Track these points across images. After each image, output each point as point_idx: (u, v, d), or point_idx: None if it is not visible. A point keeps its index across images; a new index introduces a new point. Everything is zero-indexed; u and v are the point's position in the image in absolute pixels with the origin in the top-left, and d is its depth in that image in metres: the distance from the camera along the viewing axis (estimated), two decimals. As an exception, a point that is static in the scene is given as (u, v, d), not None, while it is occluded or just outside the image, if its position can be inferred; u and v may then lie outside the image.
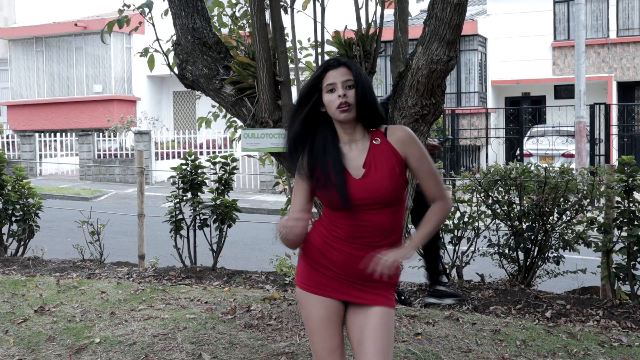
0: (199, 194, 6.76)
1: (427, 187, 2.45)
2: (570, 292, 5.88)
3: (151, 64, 5.03)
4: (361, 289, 2.41)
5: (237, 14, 5.91)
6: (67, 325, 4.84)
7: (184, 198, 6.75)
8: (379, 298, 2.42)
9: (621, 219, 5.42)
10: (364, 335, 2.38)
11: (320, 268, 2.43)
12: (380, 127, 2.44)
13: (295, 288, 2.53)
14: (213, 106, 6.45)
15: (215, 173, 6.80)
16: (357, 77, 2.37)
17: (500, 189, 6.02)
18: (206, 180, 6.89)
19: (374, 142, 2.41)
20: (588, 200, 5.88)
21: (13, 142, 22.09)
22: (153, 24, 4.78)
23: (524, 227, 5.84)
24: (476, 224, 6.12)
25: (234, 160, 6.78)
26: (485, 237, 6.12)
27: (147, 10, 4.75)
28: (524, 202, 5.90)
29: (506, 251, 5.97)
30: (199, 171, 6.79)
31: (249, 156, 6.51)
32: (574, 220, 5.86)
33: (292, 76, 4.58)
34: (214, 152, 18.94)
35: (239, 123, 6.24)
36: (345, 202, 2.33)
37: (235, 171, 6.80)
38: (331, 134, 2.42)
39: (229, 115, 6.27)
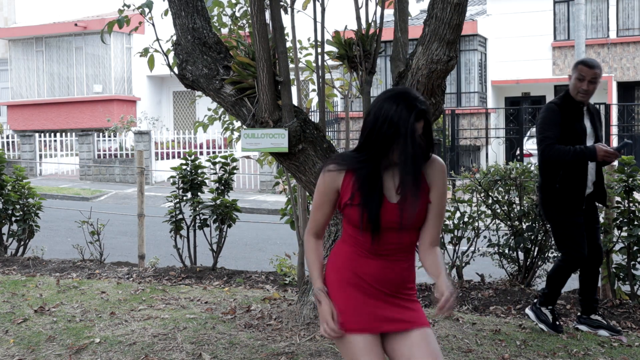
0: (199, 194, 6.76)
1: (431, 228, 2.42)
2: (570, 292, 5.88)
3: (151, 64, 5.04)
4: (397, 305, 2.40)
5: (237, 14, 5.91)
6: (67, 325, 4.84)
7: (184, 198, 6.75)
8: (415, 317, 2.41)
9: (621, 219, 5.42)
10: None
11: (354, 287, 2.40)
12: None
13: (344, 336, 2.42)
14: (209, 109, 6.46)
15: (215, 173, 6.80)
16: (424, 132, 2.38)
17: (500, 189, 6.02)
18: (206, 180, 6.90)
19: None
20: (588, 200, 5.88)
21: (13, 142, 22.09)
22: (153, 24, 4.78)
23: (524, 227, 5.85)
24: (476, 224, 6.12)
25: (234, 160, 6.78)
26: (485, 237, 6.12)
27: (147, 10, 4.74)
28: (524, 202, 5.90)
29: (506, 251, 5.97)
30: (199, 171, 6.79)
31: (247, 157, 6.51)
32: (574, 220, 5.86)
33: (292, 76, 4.58)
34: (213, 152, 18.95)
35: (236, 125, 6.25)
36: (375, 226, 2.33)
37: (235, 171, 6.80)
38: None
39: (224, 118, 6.27)
